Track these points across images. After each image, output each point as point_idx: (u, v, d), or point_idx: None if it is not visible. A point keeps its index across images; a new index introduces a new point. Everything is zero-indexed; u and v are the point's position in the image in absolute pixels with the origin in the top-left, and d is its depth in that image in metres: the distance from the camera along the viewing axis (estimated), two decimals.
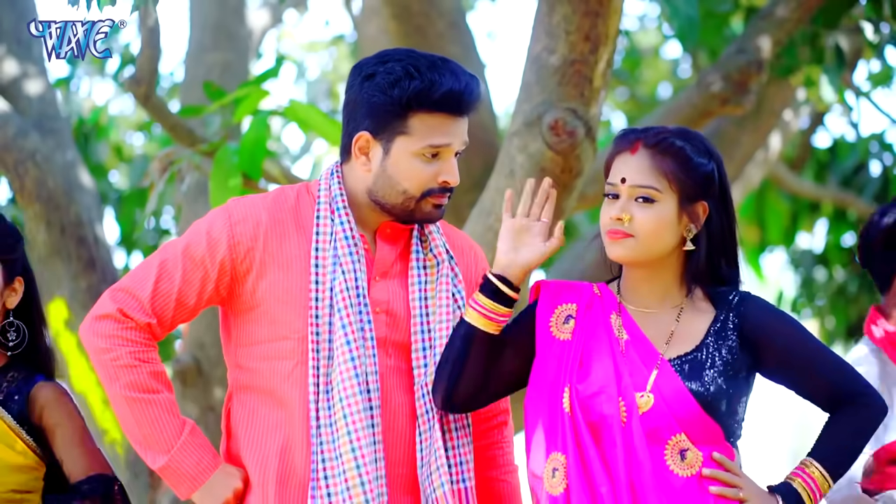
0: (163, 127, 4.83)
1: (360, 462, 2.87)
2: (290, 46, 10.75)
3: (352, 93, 3.00)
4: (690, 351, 2.89)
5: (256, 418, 2.99)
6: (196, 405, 5.68)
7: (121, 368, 2.91)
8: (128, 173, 8.61)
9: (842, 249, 9.18)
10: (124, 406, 2.92)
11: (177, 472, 2.92)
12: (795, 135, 8.23)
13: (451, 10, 5.84)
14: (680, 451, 2.83)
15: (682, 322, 2.92)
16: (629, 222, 2.88)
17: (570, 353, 2.92)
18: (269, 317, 2.97)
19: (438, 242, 3.07)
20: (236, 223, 2.98)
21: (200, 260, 2.96)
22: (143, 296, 2.94)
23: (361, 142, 2.98)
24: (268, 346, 2.98)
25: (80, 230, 5.37)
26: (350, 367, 2.91)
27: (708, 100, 5.37)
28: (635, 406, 2.84)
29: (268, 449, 2.96)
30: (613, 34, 4.09)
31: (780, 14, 5.39)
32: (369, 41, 6.73)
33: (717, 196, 2.92)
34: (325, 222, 2.99)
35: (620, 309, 2.95)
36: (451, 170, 2.98)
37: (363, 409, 2.90)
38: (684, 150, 2.89)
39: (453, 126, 2.96)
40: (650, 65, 10.51)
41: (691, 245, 2.91)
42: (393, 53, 2.99)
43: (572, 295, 2.99)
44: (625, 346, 2.89)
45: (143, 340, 2.94)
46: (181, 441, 2.92)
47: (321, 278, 2.96)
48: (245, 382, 3.02)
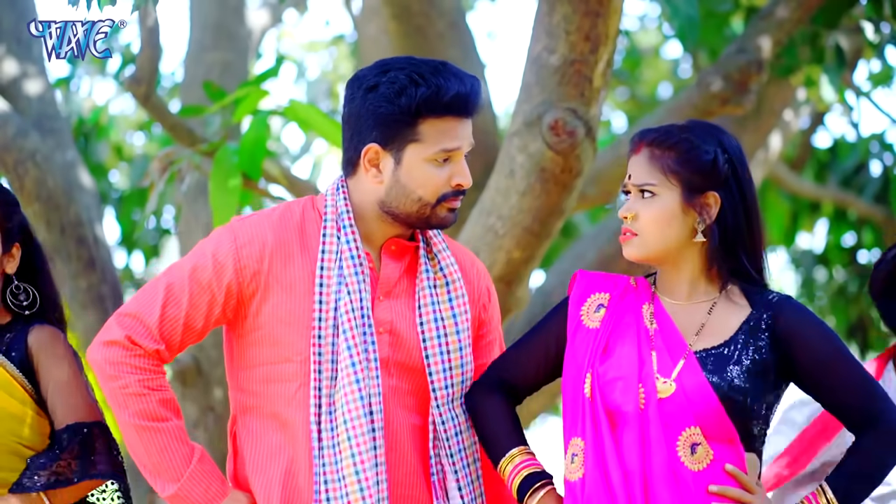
0: (163, 127, 4.83)
1: (363, 485, 2.87)
2: (290, 46, 10.76)
3: (353, 106, 2.97)
4: (719, 345, 2.88)
5: (260, 442, 2.99)
6: (196, 405, 5.68)
7: (130, 397, 2.91)
8: (128, 173, 8.63)
9: (842, 249, 9.18)
10: (133, 434, 2.92)
11: (187, 499, 2.92)
12: (796, 135, 8.23)
13: (451, 10, 5.84)
14: (692, 444, 2.82)
15: (714, 315, 2.91)
16: (633, 220, 2.90)
17: (596, 339, 2.93)
18: (271, 339, 2.96)
19: (448, 262, 3.06)
20: (242, 246, 2.97)
21: (207, 284, 2.95)
22: (150, 321, 2.93)
23: (371, 154, 2.96)
24: (270, 369, 2.97)
25: (79, 230, 5.36)
26: (355, 388, 2.90)
27: (708, 100, 5.37)
28: (655, 394, 2.84)
29: (272, 473, 2.96)
30: (613, 34, 4.08)
31: (781, 14, 5.39)
32: (369, 41, 6.73)
33: (731, 186, 2.90)
34: (331, 240, 2.98)
35: (654, 299, 2.95)
36: (463, 171, 2.97)
37: (367, 431, 2.89)
38: (684, 142, 2.89)
39: (461, 128, 2.96)
40: (650, 65, 10.51)
41: (702, 237, 2.90)
42: (392, 63, 2.98)
43: (607, 285, 3.01)
44: (654, 335, 2.90)
45: (152, 367, 2.93)
46: (190, 469, 2.92)
47: (325, 298, 2.95)
48: (248, 405, 3.02)
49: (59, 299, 3.30)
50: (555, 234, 4.43)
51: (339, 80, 10.37)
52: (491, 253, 4.36)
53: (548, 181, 4.21)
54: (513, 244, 4.35)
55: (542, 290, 5.87)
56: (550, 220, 4.33)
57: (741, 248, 2.91)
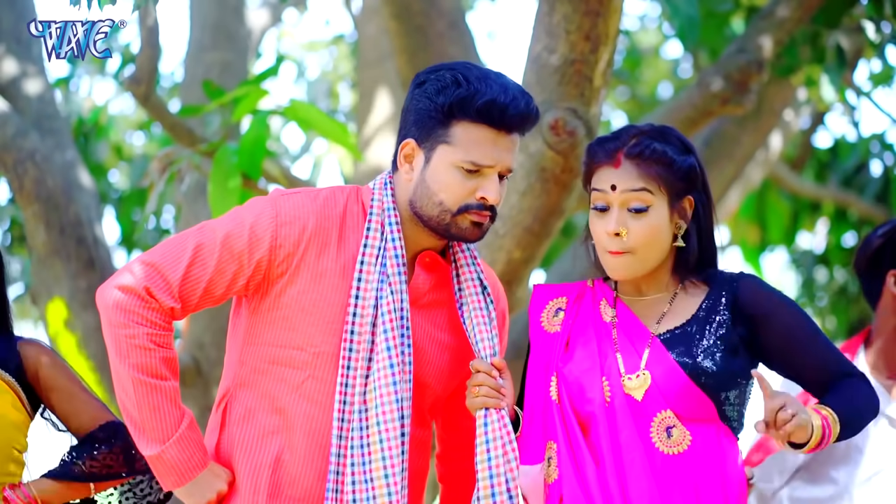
0: (162, 126, 4.83)
1: (392, 489, 2.84)
2: (290, 46, 10.75)
3: (406, 101, 2.96)
4: (681, 325, 2.88)
5: (252, 420, 2.95)
6: (195, 405, 5.68)
7: (134, 348, 2.84)
8: (127, 173, 8.62)
9: (842, 249, 9.18)
10: (129, 386, 2.85)
11: (167, 463, 2.87)
12: (796, 134, 8.23)
13: (451, 9, 5.83)
14: (666, 427, 2.81)
15: (675, 303, 2.92)
16: (626, 236, 2.87)
17: (558, 342, 2.93)
18: (288, 323, 2.92)
19: (474, 277, 3.01)
20: (283, 224, 2.91)
21: (238, 254, 2.89)
22: (172, 278, 2.86)
23: (407, 149, 2.94)
24: (279, 351, 2.93)
25: (79, 230, 5.36)
26: (391, 391, 2.86)
27: (708, 99, 5.36)
28: (620, 386, 2.83)
29: (261, 457, 2.92)
30: (614, 34, 4.08)
31: (781, 14, 5.39)
32: (369, 41, 6.73)
33: (700, 188, 2.93)
34: (374, 235, 2.93)
35: (614, 296, 2.96)
36: (492, 187, 2.90)
37: (399, 434, 2.86)
38: (666, 152, 2.89)
39: (497, 144, 2.88)
40: (650, 64, 10.50)
41: (681, 242, 2.91)
42: (450, 63, 2.95)
43: (563, 290, 3.01)
44: (616, 329, 2.90)
45: (163, 323, 2.87)
46: (178, 434, 2.86)
47: (363, 293, 2.90)
48: (247, 380, 2.97)
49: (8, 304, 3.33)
50: (555, 234, 4.43)
51: (339, 80, 10.37)
52: (491, 253, 4.36)
53: (548, 181, 4.21)
54: (513, 244, 4.34)
55: None
56: (550, 220, 4.32)
57: (707, 244, 2.95)
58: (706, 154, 6.32)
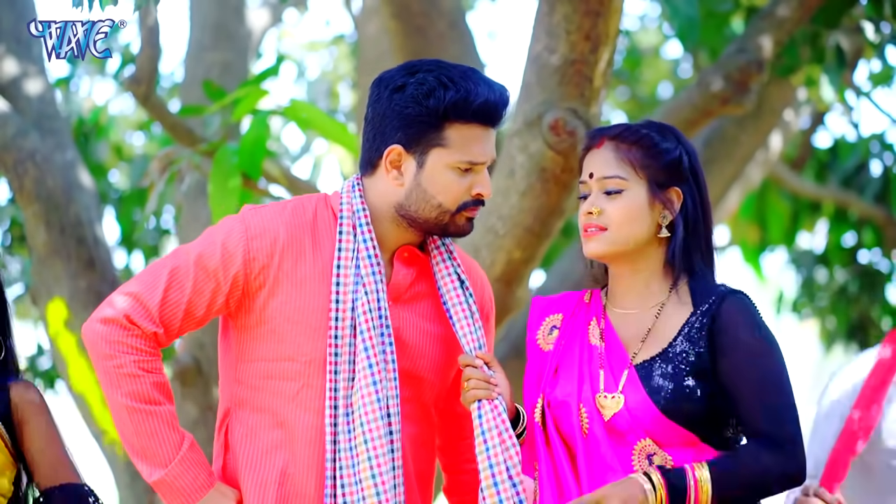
0: (163, 127, 4.83)
1: (380, 489, 2.84)
2: (290, 46, 10.75)
3: (379, 106, 2.94)
4: (659, 353, 2.85)
5: (255, 438, 2.95)
6: (196, 405, 5.67)
7: (123, 377, 2.86)
8: (128, 173, 8.61)
9: (842, 250, 9.17)
10: (124, 415, 2.87)
11: (172, 487, 2.88)
12: (796, 134, 8.23)
13: (451, 9, 5.84)
14: (647, 455, 2.80)
15: (660, 319, 2.89)
16: (599, 215, 2.88)
17: (549, 362, 2.94)
18: (276, 335, 2.92)
19: (451, 272, 3.01)
20: (253, 238, 2.92)
21: (213, 272, 2.91)
22: (151, 303, 2.88)
23: (393, 155, 2.92)
24: (271, 365, 2.93)
25: (79, 230, 5.36)
26: (372, 391, 2.87)
27: (708, 99, 5.36)
28: (598, 414, 2.82)
29: (267, 472, 2.92)
30: (614, 34, 4.08)
31: (781, 14, 5.39)
32: (369, 41, 6.73)
33: (690, 182, 2.91)
34: (347, 238, 2.94)
35: (603, 313, 2.94)
36: (485, 182, 2.94)
37: (384, 434, 2.87)
38: (648, 136, 2.89)
39: (486, 139, 2.93)
40: (650, 64, 10.50)
41: (666, 232, 2.90)
42: (420, 64, 2.94)
43: (559, 306, 3.01)
44: (603, 352, 2.89)
45: (148, 349, 2.88)
46: (179, 456, 2.88)
47: (342, 297, 2.91)
48: (245, 399, 2.97)
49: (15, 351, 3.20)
50: (555, 234, 4.43)
51: (339, 80, 10.36)
52: (491, 253, 4.36)
53: (548, 181, 4.21)
54: (513, 244, 4.35)
55: (543, 290, 5.86)
56: (550, 220, 4.33)
57: (697, 244, 2.92)
58: (706, 154, 6.32)
